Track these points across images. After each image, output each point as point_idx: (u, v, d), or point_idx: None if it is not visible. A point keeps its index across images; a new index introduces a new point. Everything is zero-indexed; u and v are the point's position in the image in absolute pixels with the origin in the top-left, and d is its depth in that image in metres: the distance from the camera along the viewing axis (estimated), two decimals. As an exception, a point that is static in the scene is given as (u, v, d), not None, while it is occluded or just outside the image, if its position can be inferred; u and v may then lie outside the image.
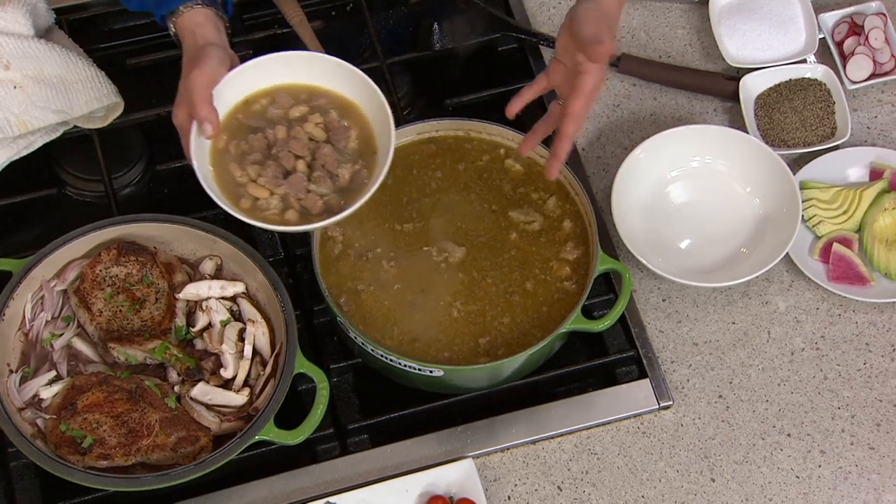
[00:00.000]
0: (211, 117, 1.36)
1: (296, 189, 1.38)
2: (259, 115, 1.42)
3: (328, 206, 1.38)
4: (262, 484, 1.47)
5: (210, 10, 1.43)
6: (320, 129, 1.41)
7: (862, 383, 1.57)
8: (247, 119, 1.41)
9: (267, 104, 1.42)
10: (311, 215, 1.38)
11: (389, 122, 1.39)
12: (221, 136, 1.39)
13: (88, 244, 1.51)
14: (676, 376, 1.57)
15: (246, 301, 1.51)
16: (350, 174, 1.39)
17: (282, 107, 1.42)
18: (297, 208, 1.38)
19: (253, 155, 1.39)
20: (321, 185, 1.38)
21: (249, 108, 1.42)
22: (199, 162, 1.37)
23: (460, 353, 1.48)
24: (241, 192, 1.38)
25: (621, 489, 1.50)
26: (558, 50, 1.46)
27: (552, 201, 1.57)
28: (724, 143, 1.66)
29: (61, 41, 1.66)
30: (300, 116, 1.42)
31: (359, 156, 1.41)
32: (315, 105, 1.43)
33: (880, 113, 1.76)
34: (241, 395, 1.44)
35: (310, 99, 1.43)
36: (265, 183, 1.38)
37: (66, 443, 1.38)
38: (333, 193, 1.39)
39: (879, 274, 1.63)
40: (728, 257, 1.63)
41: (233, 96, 1.41)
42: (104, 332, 1.46)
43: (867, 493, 1.50)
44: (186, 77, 1.38)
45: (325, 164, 1.39)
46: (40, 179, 1.67)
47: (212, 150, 1.40)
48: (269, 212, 1.38)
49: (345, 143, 1.41)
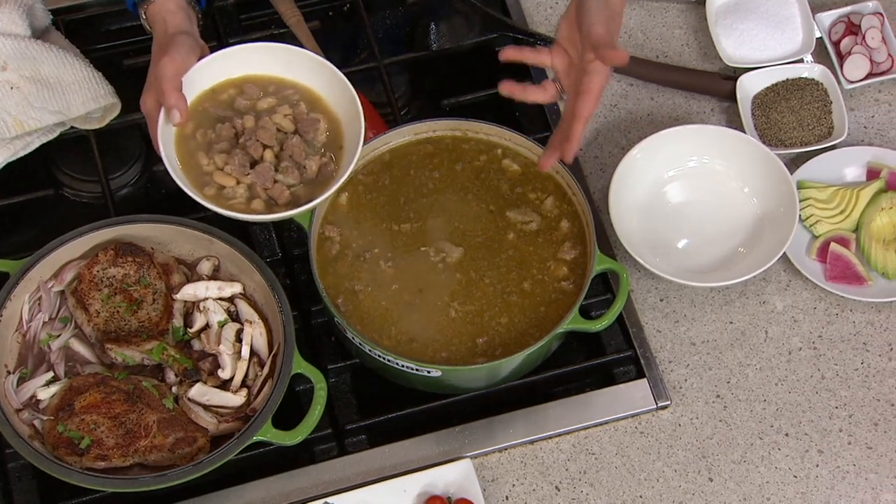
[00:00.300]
0: (180, 104, 1.37)
1: (262, 179, 1.38)
2: (226, 104, 1.43)
3: (295, 196, 1.39)
4: (260, 485, 1.47)
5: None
6: (289, 121, 1.42)
7: (859, 383, 1.57)
8: (214, 108, 1.42)
9: (235, 94, 1.43)
10: (277, 205, 1.39)
11: (360, 116, 1.40)
12: (189, 123, 1.40)
13: (86, 245, 1.51)
14: (674, 376, 1.57)
15: (243, 302, 1.51)
16: (318, 166, 1.40)
17: (249, 97, 1.43)
18: (264, 198, 1.39)
19: (220, 144, 1.40)
20: (288, 176, 1.39)
21: (217, 97, 1.43)
22: (166, 148, 1.38)
23: (458, 353, 1.48)
24: (206, 181, 1.39)
25: (619, 489, 1.50)
26: (561, 38, 1.46)
27: (550, 201, 1.57)
28: (722, 143, 1.66)
29: (58, 42, 1.66)
30: (268, 108, 1.43)
31: (327, 148, 1.41)
32: (283, 96, 1.44)
33: (877, 112, 1.76)
34: (238, 395, 1.44)
35: (278, 90, 1.44)
36: (232, 171, 1.39)
37: (63, 444, 1.38)
38: (300, 185, 1.40)
39: (877, 273, 1.63)
40: (725, 257, 1.63)
41: (201, 85, 1.42)
42: (101, 333, 1.46)
43: (865, 493, 1.50)
44: (156, 64, 1.39)
45: (292, 155, 1.40)
46: (37, 180, 1.67)
47: (178, 137, 1.41)
48: (234, 200, 1.39)
49: (313, 134, 1.41)
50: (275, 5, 1.76)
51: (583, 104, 1.39)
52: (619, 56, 1.37)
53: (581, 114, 1.40)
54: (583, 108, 1.39)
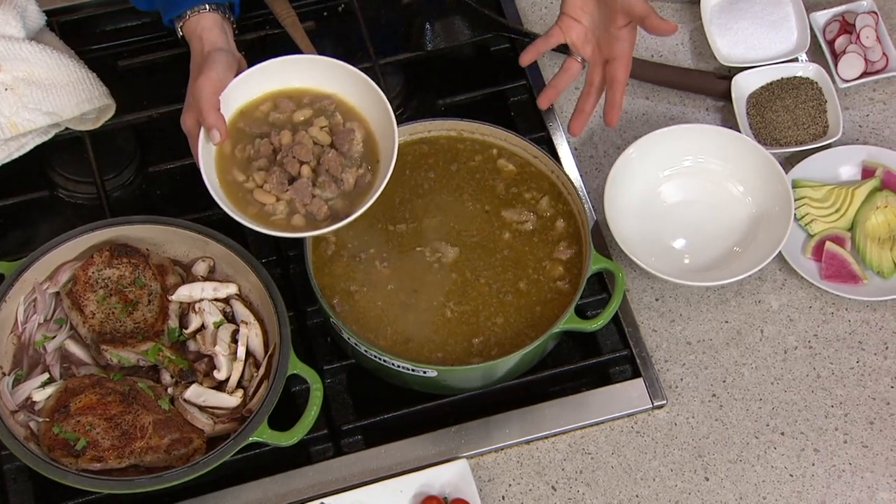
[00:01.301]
0: (219, 124, 1.37)
1: (301, 195, 1.39)
2: (262, 120, 1.43)
3: (333, 210, 1.39)
4: (257, 485, 1.46)
5: (217, 14, 1.44)
6: (325, 133, 1.42)
7: (855, 381, 1.57)
8: (249, 125, 1.42)
9: (268, 109, 1.43)
10: (316, 221, 1.39)
11: (393, 125, 1.40)
12: (226, 141, 1.40)
13: (81, 246, 1.51)
14: (670, 375, 1.57)
15: (239, 302, 1.51)
16: (354, 179, 1.40)
17: (284, 111, 1.43)
18: (303, 213, 1.39)
19: (259, 161, 1.41)
20: (326, 190, 1.39)
21: (252, 114, 1.43)
22: (207, 168, 1.38)
23: (454, 353, 1.47)
24: (247, 199, 1.39)
25: (615, 489, 1.50)
26: (569, 8, 1.51)
27: (545, 201, 1.57)
28: (717, 143, 1.66)
29: (52, 43, 1.66)
30: (305, 120, 1.43)
31: (363, 159, 1.41)
32: (319, 108, 1.43)
33: (872, 111, 1.76)
34: (234, 396, 1.44)
35: (312, 102, 1.43)
36: (271, 189, 1.39)
37: (59, 445, 1.38)
38: (338, 198, 1.40)
39: (872, 272, 1.63)
40: (721, 256, 1.63)
41: (238, 101, 1.42)
42: (97, 335, 1.46)
43: (861, 492, 1.50)
44: (194, 83, 1.39)
45: (329, 169, 1.40)
46: (32, 182, 1.67)
47: (217, 155, 1.41)
48: (275, 217, 1.39)
49: (349, 146, 1.41)
50: (270, 6, 1.76)
51: (618, 70, 1.48)
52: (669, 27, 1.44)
53: (619, 79, 1.48)
54: (619, 74, 1.48)
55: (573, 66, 1.54)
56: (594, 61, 1.52)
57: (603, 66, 1.51)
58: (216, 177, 1.40)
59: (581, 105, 1.55)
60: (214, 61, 1.39)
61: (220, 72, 1.39)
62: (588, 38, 1.50)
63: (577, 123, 1.55)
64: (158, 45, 1.75)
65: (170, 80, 1.65)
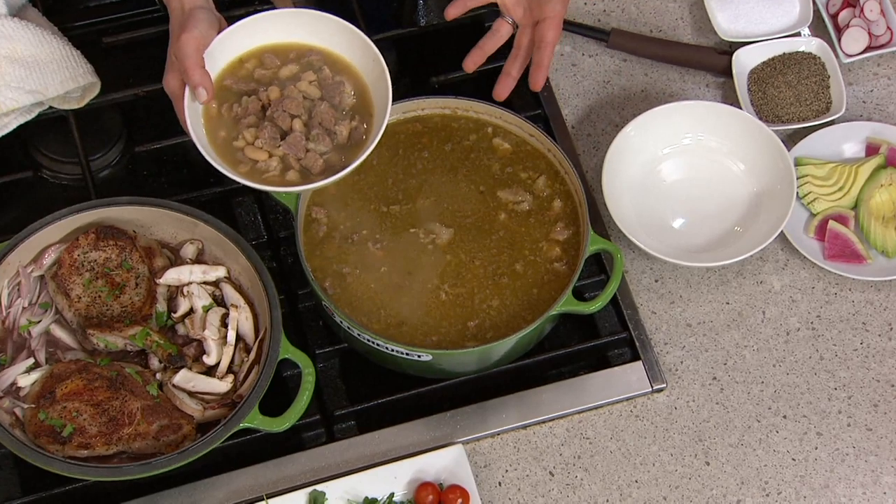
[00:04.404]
0: (205, 82, 1.35)
1: (294, 149, 1.37)
2: (247, 77, 1.41)
3: (329, 164, 1.38)
4: (247, 472, 1.46)
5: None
6: (314, 87, 1.40)
7: (859, 363, 1.57)
8: (235, 83, 1.40)
9: (254, 66, 1.41)
10: (312, 175, 1.37)
11: (385, 75, 1.38)
12: (212, 101, 1.38)
13: (66, 228, 1.49)
14: (670, 358, 1.56)
15: (228, 286, 1.49)
16: (348, 131, 1.39)
17: (270, 67, 1.41)
18: (298, 168, 1.37)
19: (248, 118, 1.38)
20: (320, 144, 1.38)
21: (237, 71, 1.41)
22: (195, 129, 1.36)
23: (448, 336, 1.47)
24: (238, 157, 1.37)
25: (614, 474, 1.49)
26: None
27: (542, 180, 1.55)
28: (717, 120, 1.65)
29: (35, 20, 1.63)
30: (292, 75, 1.41)
31: (355, 111, 1.40)
32: (306, 62, 1.42)
33: (876, 86, 1.75)
34: (224, 381, 1.43)
35: (299, 57, 1.42)
36: (263, 145, 1.37)
37: (45, 432, 1.37)
38: (332, 152, 1.38)
39: (876, 251, 1.62)
40: (721, 236, 1.62)
41: (223, 59, 1.40)
42: (83, 319, 1.45)
43: (865, 475, 1.50)
44: (176, 42, 1.36)
45: (322, 122, 1.38)
46: (15, 162, 1.65)
47: (204, 116, 1.39)
48: (269, 174, 1.37)
49: (340, 99, 1.40)
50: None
51: (548, 30, 1.45)
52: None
53: (547, 40, 1.46)
54: (548, 34, 1.46)
55: (503, 27, 1.54)
56: (524, 24, 1.50)
57: (532, 28, 1.49)
58: (205, 136, 1.38)
59: (507, 68, 1.54)
60: (196, 19, 1.36)
61: (202, 29, 1.36)
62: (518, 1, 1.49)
63: (502, 87, 1.53)
64: (144, 21, 1.73)
65: (156, 57, 1.63)
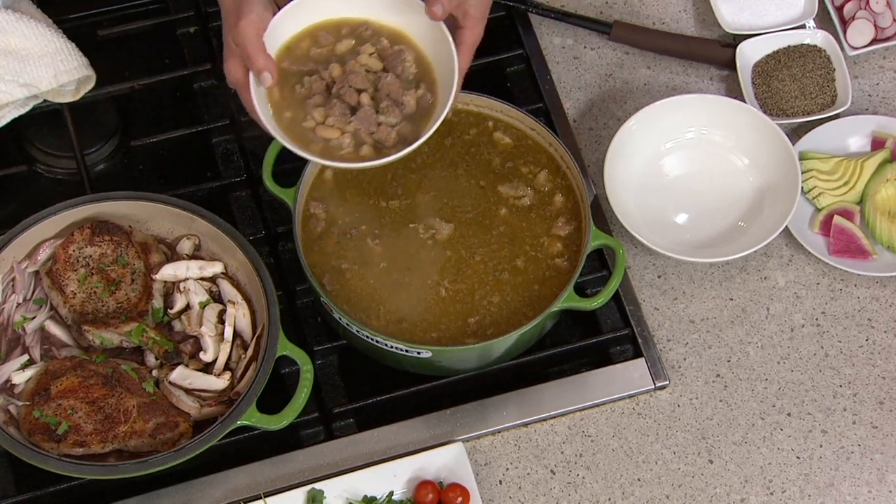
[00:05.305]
0: (269, 66, 1.32)
1: (366, 123, 1.36)
2: (304, 57, 1.39)
3: (401, 135, 1.37)
4: (245, 470, 1.45)
5: None
6: (375, 59, 1.39)
7: (864, 360, 1.56)
8: (293, 64, 1.39)
9: (308, 45, 1.39)
10: (386, 147, 1.36)
11: (447, 39, 1.36)
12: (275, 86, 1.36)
13: (60, 223, 1.49)
14: (672, 355, 1.55)
15: (226, 281, 1.48)
16: (416, 100, 1.37)
17: (324, 45, 1.39)
18: (371, 143, 1.36)
19: (314, 98, 1.37)
20: (390, 115, 1.36)
21: (293, 52, 1.39)
22: (265, 115, 1.34)
23: (448, 333, 1.46)
24: (310, 137, 1.36)
25: (616, 472, 1.48)
26: None
27: (543, 175, 1.54)
28: (721, 113, 1.64)
29: (29, 11, 1.62)
30: (349, 50, 1.39)
31: (419, 80, 1.38)
32: (360, 36, 1.40)
33: (882, 80, 1.74)
34: (221, 378, 1.42)
35: (353, 31, 1.40)
36: (334, 123, 1.36)
37: (39, 430, 1.36)
38: (403, 122, 1.37)
39: (882, 247, 1.61)
40: (725, 231, 1.62)
41: (278, 42, 1.38)
42: (78, 315, 1.44)
43: (870, 474, 1.49)
44: (234, 28, 1.32)
45: (389, 93, 1.37)
46: (9, 156, 1.64)
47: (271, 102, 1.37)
48: (343, 151, 1.36)
49: (402, 68, 1.38)
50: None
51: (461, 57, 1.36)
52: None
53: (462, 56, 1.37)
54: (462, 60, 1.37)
55: None
56: None
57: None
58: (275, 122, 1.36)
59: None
60: (251, 3, 1.33)
61: (259, 13, 1.33)
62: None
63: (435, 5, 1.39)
64: (139, 13, 1.72)
65: (152, 50, 1.64)
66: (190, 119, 1.67)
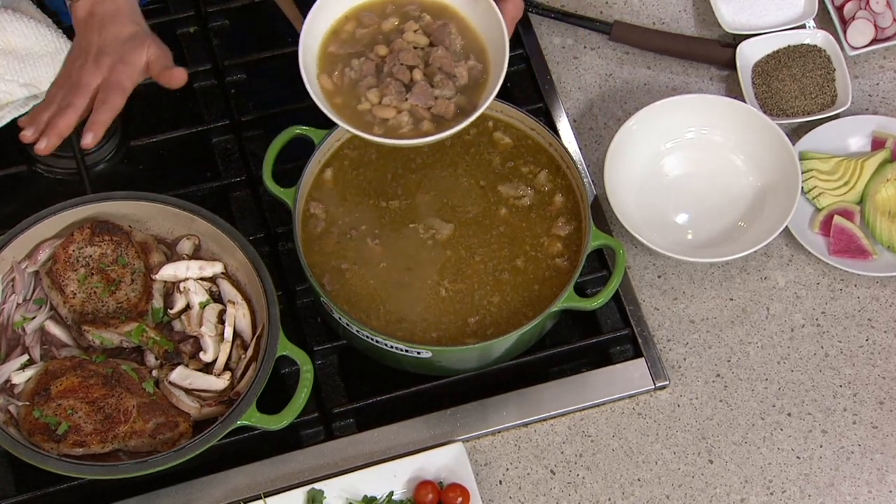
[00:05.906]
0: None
1: (423, 98, 1.36)
2: (350, 40, 1.39)
3: (459, 107, 1.37)
4: (245, 470, 1.45)
5: None
6: (421, 35, 1.39)
7: (864, 360, 1.55)
8: (340, 47, 1.39)
9: (353, 27, 1.40)
10: (446, 121, 1.36)
11: (491, 6, 1.36)
12: (322, 74, 1.37)
13: (60, 223, 1.48)
14: (673, 355, 1.55)
15: (226, 281, 1.48)
16: (467, 71, 1.38)
17: (369, 25, 1.40)
18: (430, 118, 1.36)
19: (365, 80, 1.38)
20: (445, 89, 1.37)
21: (338, 35, 1.39)
22: (323, 104, 1.35)
23: (448, 333, 1.46)
24: (367, 119, 1.36)
25: (616, 472, 1.48)
26: None
27: (543, 175, 1.54)
28: (721, 113, 1.64)
29: (29, 12, 1.62)
30: (394, 28, 1.39)
31: (467, 51, 1.39)
32: (404, 13, 1.40)
33: (882, 80, 1.74)
34: (221, 378, 1.42)
35: (396, 9, 1.40)
36: (390, 102, 1.36)
37: (39, 430, 1.36)
38: (459, 94, 1.37)
39: (882, 247, 1.61)
40: (725, 231, 1.61)
41: (322, 27, 1.38)
42: (78, 315, 1.44)
43: (870, 474, 1.49)
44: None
45: (441, 67, 1.37)
46: (9, 156, 1.63)
47: (322, 91, 1.38)
48: (403, 129, 1.36)
49: (449, 41, 1.39)
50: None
51: None
52: None
53: None
54: None
55: None
56: None
57: None
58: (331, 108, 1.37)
59: None
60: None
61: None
62: None
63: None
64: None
65: None
66: (190, 119, 1.67)
